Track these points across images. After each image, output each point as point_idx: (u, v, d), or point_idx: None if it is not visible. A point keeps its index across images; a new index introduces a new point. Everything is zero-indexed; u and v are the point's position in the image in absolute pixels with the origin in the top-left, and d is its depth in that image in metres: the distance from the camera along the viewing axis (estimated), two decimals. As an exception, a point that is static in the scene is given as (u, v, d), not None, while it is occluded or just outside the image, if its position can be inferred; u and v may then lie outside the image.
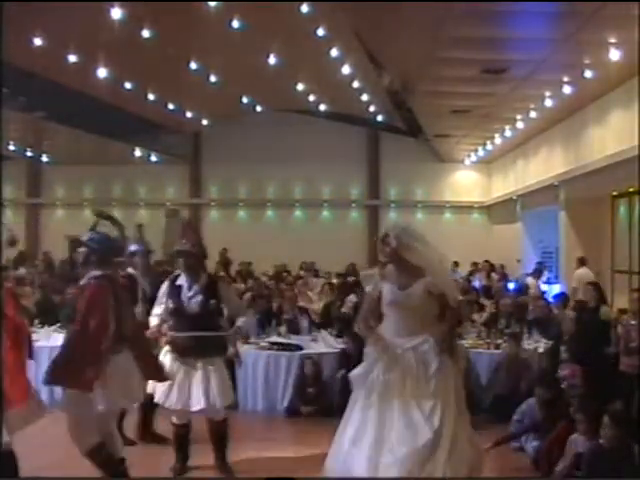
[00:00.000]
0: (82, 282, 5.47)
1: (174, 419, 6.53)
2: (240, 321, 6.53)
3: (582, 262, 14.99)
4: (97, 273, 5.45)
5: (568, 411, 6.63)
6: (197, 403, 6.22)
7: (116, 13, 11.54)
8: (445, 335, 5.26)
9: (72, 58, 13.64)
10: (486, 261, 19.03)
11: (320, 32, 12.98)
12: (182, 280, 6.37)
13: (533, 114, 14.79)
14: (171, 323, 6.39)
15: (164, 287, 6.53)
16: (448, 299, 5.31)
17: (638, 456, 5.68)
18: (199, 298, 6.26)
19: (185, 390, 6.22)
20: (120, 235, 5.93)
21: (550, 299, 12.26)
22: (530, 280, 15.97)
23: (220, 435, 6.52)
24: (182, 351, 6.26)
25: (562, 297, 11.58)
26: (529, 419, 7.26)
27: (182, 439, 6.52)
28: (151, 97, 17.04)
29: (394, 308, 5.33)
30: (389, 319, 5.39)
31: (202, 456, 6.58)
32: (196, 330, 6.23)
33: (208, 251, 6.63)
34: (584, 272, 14.50)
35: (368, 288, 5.59)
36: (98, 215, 6.01)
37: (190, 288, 6.29)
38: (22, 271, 14.97)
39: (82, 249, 5.55)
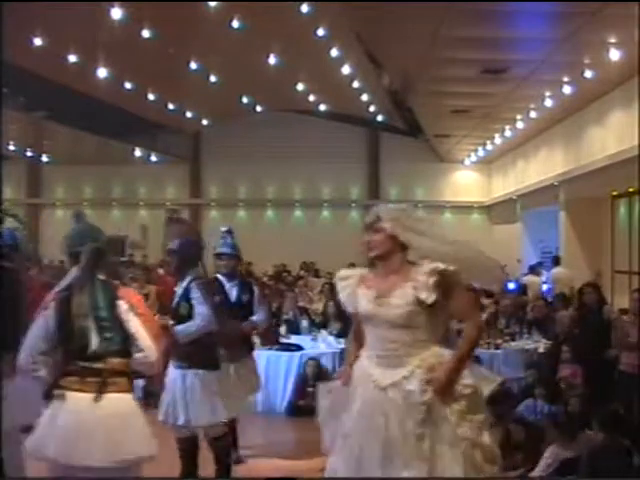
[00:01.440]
0: None
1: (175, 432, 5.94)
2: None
3: (556, 261, 15.44)
4: None
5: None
6: (177, 416, 5.60)
7: (116, 13, 11.55)
8: (446, 378, 3.55)
9: (72, 58, 13.66)
10: (486, 261, 19.00)
11: (320, 32, 12.97)
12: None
13: (533, 114, 14.79)
14: None
15: None
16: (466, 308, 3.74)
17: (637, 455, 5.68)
18: (175, 302, 5.70)
19: (172, 402, 5.60)
20: (22, 232, 5.90)
21: (550, 299, 12.28)
22: (532, 277, 16.06)
23: (216, 455, 5.82)
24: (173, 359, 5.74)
25: (562, 297, 11.59)
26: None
27: (183, 454, 5.81)
28: (151, 97, 17.04)
29: (370, 324, 3.73)
30: (369, 337, 3.77)
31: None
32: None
33: (206, 249, 6.02)
34: (557, 271, 15.09)
35: (342, 295, 3.89)
36: (4, 212, 6.04)
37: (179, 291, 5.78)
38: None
39: None
